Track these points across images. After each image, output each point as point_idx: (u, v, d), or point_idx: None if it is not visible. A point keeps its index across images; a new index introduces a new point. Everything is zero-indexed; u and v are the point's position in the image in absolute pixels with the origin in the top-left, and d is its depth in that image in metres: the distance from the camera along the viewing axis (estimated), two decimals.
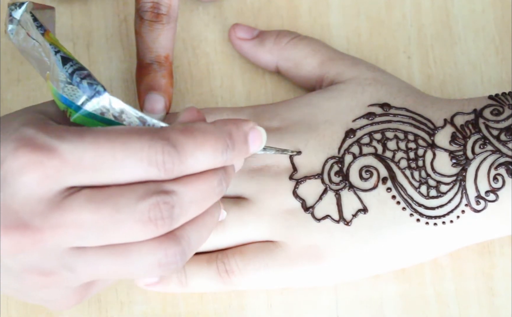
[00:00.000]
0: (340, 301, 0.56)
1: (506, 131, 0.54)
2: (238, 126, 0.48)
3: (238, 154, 0.48)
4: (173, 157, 0.44)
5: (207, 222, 0.48)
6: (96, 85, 0.46)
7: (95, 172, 0.44)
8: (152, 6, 0.56)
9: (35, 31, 0.49)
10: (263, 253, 0.54)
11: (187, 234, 0.46)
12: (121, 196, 0.44)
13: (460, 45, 0.62)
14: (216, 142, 0.46)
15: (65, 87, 0.47)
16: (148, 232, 0.44)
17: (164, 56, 0.56)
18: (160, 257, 0.45)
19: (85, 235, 0.44)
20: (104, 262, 0.45)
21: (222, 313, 0.56)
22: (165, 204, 0.44)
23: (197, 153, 0.45)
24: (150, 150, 0.44)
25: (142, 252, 0.45)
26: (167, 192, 0.44)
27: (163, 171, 0.44)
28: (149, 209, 0.44)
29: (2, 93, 0.60)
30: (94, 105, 0.46)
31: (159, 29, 0.56)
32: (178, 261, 0.45)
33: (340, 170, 0.54)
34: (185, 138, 0.45)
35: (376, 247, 0.53)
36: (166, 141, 0.44)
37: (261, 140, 0.49)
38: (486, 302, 0.56)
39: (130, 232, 0.44)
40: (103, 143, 0.44)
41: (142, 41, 0.56)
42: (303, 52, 0.59)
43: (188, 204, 0.45)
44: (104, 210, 0.44)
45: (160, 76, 0.56)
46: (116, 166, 0.44)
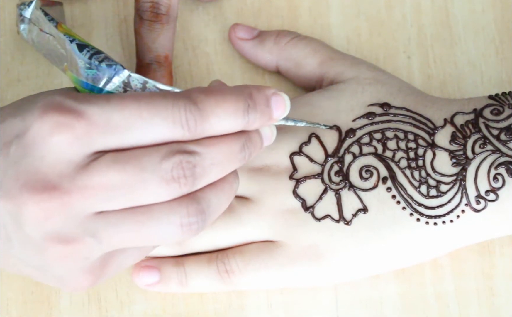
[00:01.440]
0: (340, 301, 0.56)
1: (506, 131, 0.54)
2: (259, 89, 0.48)
3: (260, 117, 0.48)
4: (195, 115, 0.45)
5: (226, 189, 0.48)
6: (115, 65, 0.47)
7: (122, 133, 0.45)
8: (151, 6, 0.56)
9: (48, 24, 0.49)
10: (263, 253, 0.54)
11: (208, 197, 0.46)
12: (145, 155, 0.45)
13: (460, 45, 0.62)
14: (237, 101, 0.46)
15: (85, 73, 0.47)
16: (171, 190, 0.45)
17: (164, 56, 0.56)
18: (182, 215, 0.45)
19: (111, 195, 0.44)
20: (127, 225, 0.45)
21: (222, 313, 0.56)
22: (187, 163, 0.45)
23: (219, 111, 0.46)
24: (174, 109, 0.45)
25: (164, 212, 0.45)
26: (190, 152, 0.45)
27: (186, 129, 0.45)
28: (172, 168, 0.45)
29: (2, 93, 0.60)
30: (115, 84, 0.47)
31: (158, 29, 0.56)
32: (199, 221, 0.46)
33: (340, 169, 0.54)
34: (206, 97, 0.46)
35: (376, 247, 0.53)
36: (187, 99, 0.45)
37: (284, 105, 0.49)
38: (486, 302, 0.56)
39: (154, 191, 0.45)
40: (129, 105, 0.45)
41: (141, 41, 0.56)
42: (303, 52, 0.59)
43: (210, 166, 0.46)
44: (129, 169, 0.44)
45: (160, 76, 0.56)
46: (142, 125, 0.45)
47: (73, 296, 0.56)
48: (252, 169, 0.55)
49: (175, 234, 0.46)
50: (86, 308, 0.56)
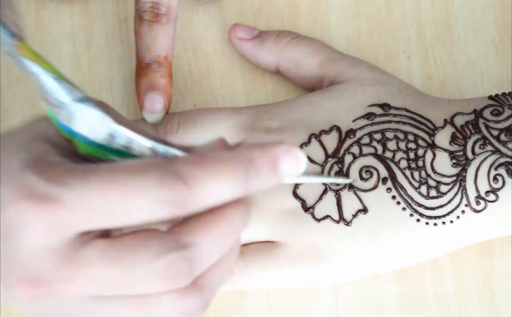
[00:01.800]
0: (340, 301, 0.56)
1: (506, 131, 0.54)
2: (264, 151, 0.42)
3: (265, 182, 0.42)
4: (183, 193, 0.40)
5: (229, 260, 0.44)
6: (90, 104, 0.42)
7: (103, 217, 0.41)
8: (151, 6, 0.56)
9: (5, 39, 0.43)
10: (263, 253, 0.54)
11: (209, 279, 0.43)
12: (135, 252, 0.41)
13: (460, 45, 0.62)
14: (234, 171, 0.41)
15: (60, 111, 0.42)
16: (168, 286, 0.41)
17: (164, 56, 0.56)
18: (181, 308, 0.42)
19: (100, 287, 0.41)
20: (123, 311, 0.42)
21: (222, 313, 0.56)
22: (183, 261, 0.41)
23: (211, 186, 0.41)
24: (159, 188, 0.40)
25: (162, 304, 0.42)
26: (184, 246, 0.41)
27: (174, 209, 0.40)
28: (166, 268, 0.41)
29: (2, 93, 0.60)
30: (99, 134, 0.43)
31: (158, 29, 0.56)
32: (199, 311, 0.43)
33: (340, 170, 0.54)
34: (196, 171, 0.41)
35: (376, 247, 0.53)
36: (174, 177, 0.40)
37: (298, 164, 0.43)
38: (486, 302, 0.56)
39: (147, 286, 0.41)
40: (109, 187, 0.40)
41: (141, 41, 0.56)
42: (303, 52, 0.59)
43: (208, 252, 0.42)
44: (118, 266, 0.41)
45: (159, 76, 0.56)
46: (125, 209, 0.41)
47: None
48: None
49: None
50: None
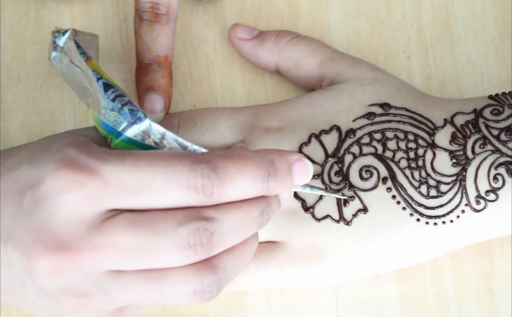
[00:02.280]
0: (340, 301, 0.56)
1: (506, 131, 0.54)
2: (281, 156, 0.47)
3: (281, 185, 0.47)
4: (213, 181, 0.44)
5: (244, 253, 0.47)
6: (137, 111, 0.47)
7: (135, 195, 0.44)
8: (151, 6, 0.56)
9: (78, 58, 0.50)
10: (264, 253, 0.54)
11: (224, 263, 0.46)
12: (161, 220, 0.44)
13: (460, 45, 0.62)
14: (258, 168, 0.45)
15: (106, 113, 0.47)
16: (187, 257, 0.44)
17: (164, 56, 0.56)
18: (196, 285, 0.45)
19: (124, 257, 0.44)
20: (140, 287, 0.45)
21: (222, 313, 0.56)
22: (205, 230, 0.44)
23: (237, 178, 0.45)
24: (189, 174, 0.44)
25: (178, 279, 0.45)
26: (207, 218, 0.44)
27: (202, 195, 0.44)
28: (188, 235, 0.44)
29: (2, 93, 0.60)
30: (135, 131, 0.47)
31: (158, 29, 0.56)
32: (213, 290, 0.45)
33: (340, 169, 0.54)
34: (225, 163, 0.45)
35: (376, 247, 0.53)
36: (205, 164, 0.44)
37: (307, 173, 0.48)
38: (486, 302, 0.56)
39: (168, 256, 0.44)
40: (144, 166, 0.44)
41: (141, 41, 0.56)
42: (303, 52, 0.59)
43: (228, 232, 0.45)
44: (144, 233, 0.44)
45: (159, 76, 0.56)
46: (156, 189, 0.44)
47: None
48: None
49: (188, 300, 0.45)
50: None
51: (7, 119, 0.60)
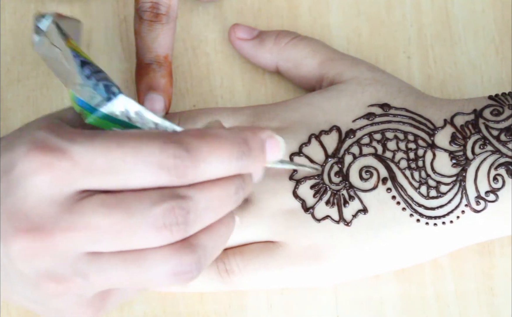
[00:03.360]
0: (340, 301, 0.56)
1: (506, 131, 0.54)
2: (254, 133, 0.46)
3: (254, 162, 0.46)
4: (186, 162, 0.43)
5: (222, 231, 0.46)
6: (111, 86, 0.46)
7: (106, 176, 0.43)
8: (151, 6, 0.56)
9: (58, 38, 0.49)
10: (263, 253, 0.54)
11: (203, 243, 0.45)
12: (135, 200, 0.43)
13: (460, 45, 0.62)
14: (231, 147, 0.44)
15: (82, 89, 0.47)
16: (163, 238, 0.43)
17: (164, 56, 0.56)
18: (175, 265, 0.44)
19: (98, 239, 0.43)
20: (117, 269, 0.44)
21: (222, 313, 0.56)
22: (180, 209, 0.43)
23: (211, 158, 0.44)
24: (161, 154, 0.43)
25: (156, 260, 0.44)
26: (182, 197, 0.43)
27: (175, 176, 0.43)
28: (163, 214, 0.43)
29: (2, 93, 0.60)
30: (109, 108, 0.46)
31: (158, 29, 0.56)
32: (193, 270, 0.44)
33: (340, 170, 0.54)
34: (199, 143, 0.44)
35: (376, 247, 0.53)
36: (178, 145, 0.43)
37: (279, 149, 0.47)
38: (486, 302, 0.56)
39: (144, 237, 0.43)
40: (114, 147, 0.43)
41: (141, 41, 0.56)
42: (303, 53, 0.59)
43: (204, 210, 0.44)
44: (117, 214, 0.43)
45: (159, 76, 0.56)
46: (126, 170, 0.43)
47: None
48: None
49: (168, 282, 0.44)
50: None
51: (7, 119, 0.60)
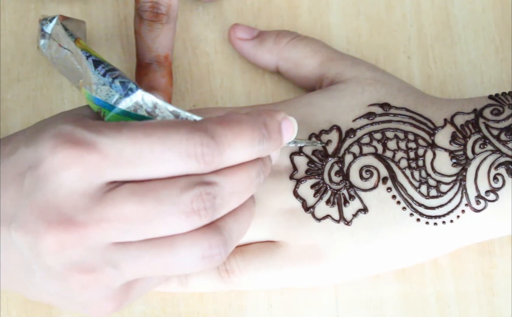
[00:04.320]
0: (340, 301, 0.56)
1: (506, 131, 0.54)
2: (272, 116, 0.48)
3: (273, 144, 0.48)
4: (212, 149, 0.45)
5: (246, 215, 0.48)
6: (128, 83, 0.47)
7: (134, 166, 0.44)
8: (151, 5, 0.56)
9: (67, 40, 0.50)
10: (264, 253, 0.54)
11: (229, 226, 0.47)
12: (164, 188, 0.44)
13: (460, 45, 0.62)
14: (253, 132, 0.46)
15: (98, 89, 0.48)
16: (192, 222, 0.45)
17: (164, 56, 0.56)
18: (204, 248, 0.45)
19: (129, 228, 0.44)
20: (147, 256, 0.45)
21: (222, 313, 0.56)
22: (207, 195, 0.45)
23: (236, 144, 0.46)
24: (188, 143, 0.44)
25: (185, 244, 0.45)
26: (209, 183, 0.45)
27: (202, 163, 0.45)
28: (192, 200, 0.44)
29: (2, 93, 0.60)
30: (127, 103, 0.47)
31: (158, 29, 0.56)
32: (221, 252, 0.46)
33: (340, 169, 0.54)
34: (223, 129, 0.45)
35: (376, 247, 0.53)
36: (204, 133, 0.45)
37: (293, 129, 0.49)
38: (486, 302, 0.56)
39: (173, 223, 0.44)
40: (141, 137, 0.44)
41: (141, 41, 0.56)
42: (303, 52, 0.59)
43: (229, 195, 0.46)
44: (147, 202, 0.44)
45: (159, 76, 0.56)
46: (154, 159, 0.44)
47: None
48: None
49: (198, 266, 0.46)
50: None
51: (7, 119, 0.60)
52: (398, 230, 0.53)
